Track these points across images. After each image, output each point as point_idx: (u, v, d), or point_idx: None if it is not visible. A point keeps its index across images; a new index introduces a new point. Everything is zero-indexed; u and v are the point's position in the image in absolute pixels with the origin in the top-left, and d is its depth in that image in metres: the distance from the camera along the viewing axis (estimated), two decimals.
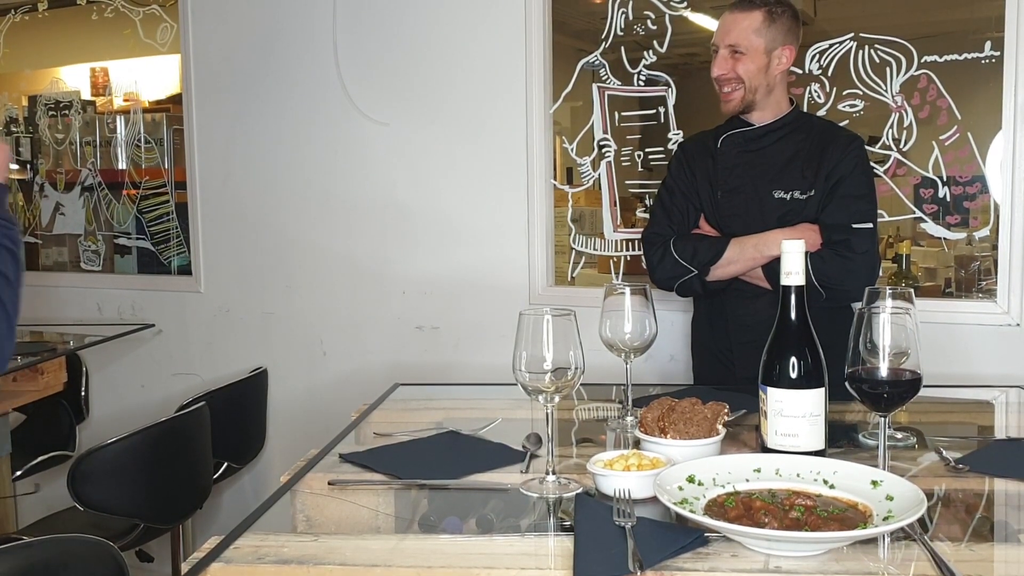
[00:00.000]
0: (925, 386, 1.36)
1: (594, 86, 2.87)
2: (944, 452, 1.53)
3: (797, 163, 2.25)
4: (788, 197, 2.24)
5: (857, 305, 1.62)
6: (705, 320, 2.42)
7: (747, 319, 2.29)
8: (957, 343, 2.49)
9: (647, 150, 2.83)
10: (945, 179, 2.52)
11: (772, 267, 2.19)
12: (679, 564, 1.10)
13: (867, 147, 2.55)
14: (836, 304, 2.12)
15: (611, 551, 1.11)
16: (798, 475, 1.30)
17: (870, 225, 2.20)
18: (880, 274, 2.43)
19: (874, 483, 1.24)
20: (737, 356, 2.32)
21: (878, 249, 2.24)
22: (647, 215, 2.84)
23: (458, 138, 2.99)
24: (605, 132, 2.88)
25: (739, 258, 2.23)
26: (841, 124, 2.55)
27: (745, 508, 1.18)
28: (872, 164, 2.56)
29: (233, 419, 2.81)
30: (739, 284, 2.28)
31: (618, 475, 1.32)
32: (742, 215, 2.30)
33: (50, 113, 3.68)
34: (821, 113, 2.59)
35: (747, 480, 1.29)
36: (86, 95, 3.63)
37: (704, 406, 1.50)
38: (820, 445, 1.39)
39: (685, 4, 2.73)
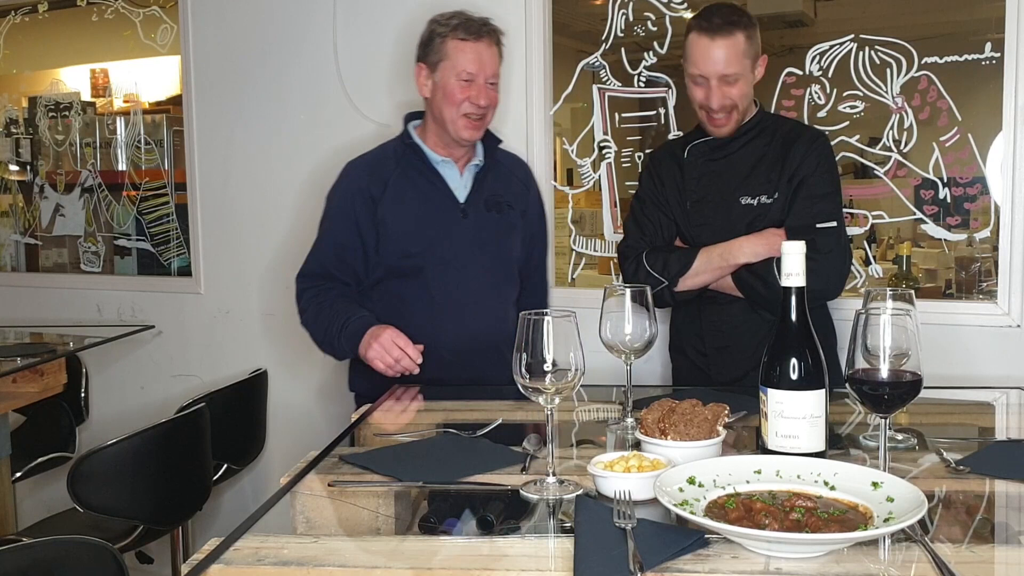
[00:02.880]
0: (925, 387, 1.36)
1: (594, 87, 2.87)
2: (945, 453, 1.53)
3: (762, 167, 2.25)
4: (755, 203, 2.24)
5: (856, 306, 1.62)
6: (681, 324, 2.43)
7: (721, 325, 2.30)
8: (957, 344, 2.49)
9: (647, 151, 2.83)
10: (945, 180, 2.52)
11: (740, 275, 2.20)
12: (679, 566, 1.10)
13: (867, 148, 2.56)
14: (809, 306, 2.13)
15: (611, 553, 1.11)
16: (798, 476, 1.30)
17: (834, 224, 2.19)
18: (851, 271, 2.44)
19: (875, 484, 1.24)
20: (712, 361, 2.32)
21: (846, 247, 2.23)
22: None
23: None
24: (605, 133, 2.88)
25: (706, 268, 2.24)
26: (841, 125, 2.55)
27: (745, 510, 1.18)
28: (872, 165, 2.57)
29: (233, 421, 2.80)
30: (712, 291, 2.28)
31: (618, 477, 1.32)
32: (711, 224, 2.30)
33: (50, 114, 3.68)
34: (822, 115, 2.59)
35: (747, 482, 1.29)
36: (86, 96, 3.63)
37: (704, 407, 1.50)
38: (820, 446, 1.39)
39: (685, 5, 2.73)
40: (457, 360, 2.27)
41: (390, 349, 2.07)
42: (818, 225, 2.17)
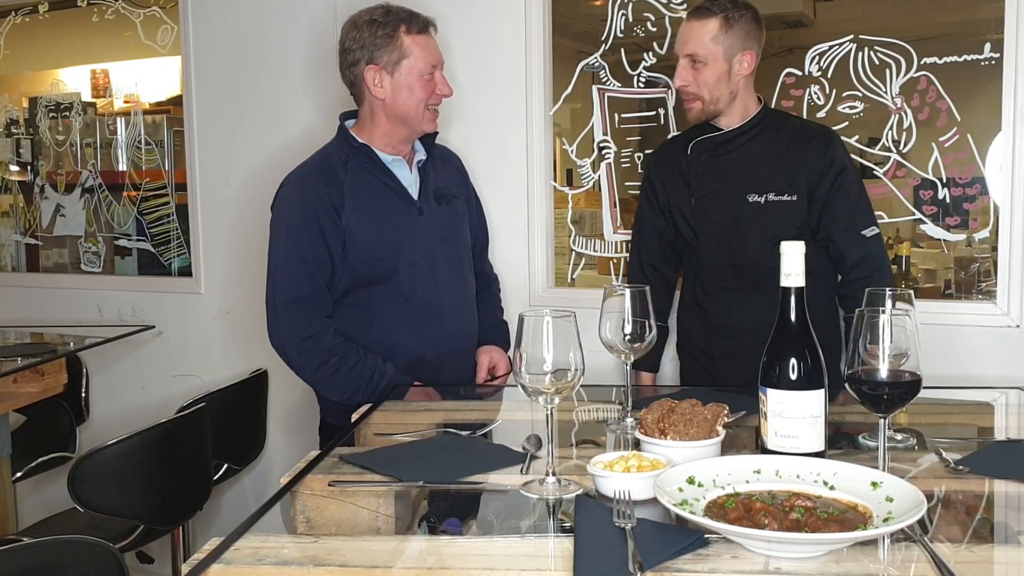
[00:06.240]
0: (925, 387, 1.36)
1: (594, 88, 2.87)
2: (944, 453, 1.53)
3: (769, 164, 2.25)
4: (763, 200, 2.25)
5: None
6: (689, 324, 2.43)
7: (728, 330, 2.30)
8: (957, 344, 2.49)
9: (647, 152, 2.83)
10: (945, 181, 2.52)
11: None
12: (679, 565, 1.10)
13: (866, 148, 2.56)
14: None
15: (611, 553, 1.12)
16: (798, 476, 1.30)
17: (876, 230, 2.25)
18: None
19: (874, 484, 1.24)
20: (719, 365, 2.32)
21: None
22: None
23: (458, 140, 2.99)
24: (605, 134, 2.88)
25: None
26: (840, 126, 2.55)
27: (745, 509, 1.18)
28: (871, 165, 2.57)
29: (233, 420, 2.81)
30: (727, 297, 2.28)
31: (618, 476, 1.32)
32: (716, 221, 2.31)
33: (51, 115, 3.68)
34: (821, 115, 2.59)
35: (747, 481, 1.29)
36: (86, 97, 3.63)
37: (704, 407, 1.50)
38: (820, 446, 1.39)
39: (684, 6, 2.73)
40: (440, 362, 2.25)
41: None
42: (863, 233, 2.22)
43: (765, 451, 1.40)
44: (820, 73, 2.60)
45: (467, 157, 3.00)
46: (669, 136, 2.76)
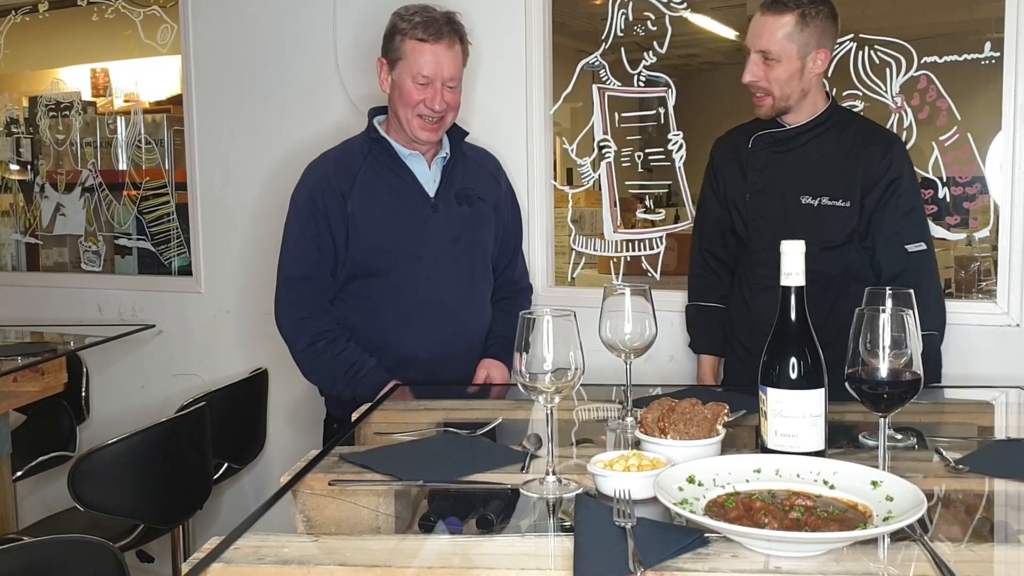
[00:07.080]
0: (925, 387, 1.36)
1: (594, 87, 2.87)
2: (944, 453, 1.53)
3: (828, 167, 2.20)
4: (816, 203, 2.19)
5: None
6: (735, 316, 2.41)
7: (768, 328, 2.27)
8: (957, 344, 2.49)
9: (647, 151, 2.83)
10: (945, 180, 2.52)
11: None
12: (679, 565, 1.10)
13: None
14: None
15: (611, 552, 1.12)
16: (798, 476, 1.30)
17: (924, 246, 2.18)
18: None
19: (874, 484, 1.24)
20: (756, 360, 2.30)
21: (937, 271, 2.25)
22: (647, 216, 2.85)
23: None
24: (605, 133, 2.88)
25: None
26: None
27: (745, 509, 1.18)
28: None
29: (233, 420, 2.81)
30: (770, 296, 2.27)
31: (618, 476, 1.32)
32: (767, 219, 2.27)
33: (51, 114, 3.68)
34: None
35: (747, 481, 1.29)
36: (87, 96, 3.63)
37: (704, 407, 1.50)
38: (820, 446, 1.39)
39: (685, 5, 2.73)
40: (435, 362, 2.25)
41: None
42: (907, 247, 2.15)
43: (765, 450, 1.40)
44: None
45: None
46: (665, 129, 2.76)
